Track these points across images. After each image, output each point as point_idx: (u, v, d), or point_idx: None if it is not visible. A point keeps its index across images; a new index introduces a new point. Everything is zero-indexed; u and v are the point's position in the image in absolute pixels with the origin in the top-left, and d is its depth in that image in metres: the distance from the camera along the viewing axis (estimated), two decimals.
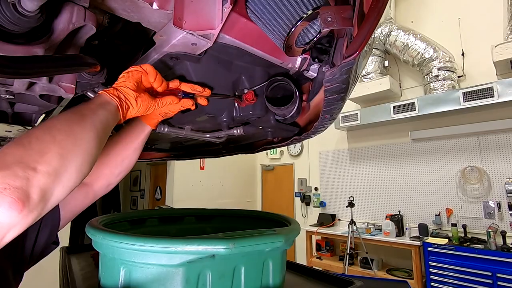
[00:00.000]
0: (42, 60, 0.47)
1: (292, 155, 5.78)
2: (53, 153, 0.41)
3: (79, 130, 0.46)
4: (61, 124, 0.45)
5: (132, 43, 0.82)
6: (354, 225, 3.84)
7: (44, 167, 0.39)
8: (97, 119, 0.51)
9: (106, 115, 0.53)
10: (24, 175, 0.36)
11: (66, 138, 0.44)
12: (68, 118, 0.47)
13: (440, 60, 3.62)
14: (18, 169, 0.36)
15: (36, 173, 0.37)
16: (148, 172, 6.44)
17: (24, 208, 0.35)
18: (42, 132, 0.43)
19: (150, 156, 1.68)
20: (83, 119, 0.48)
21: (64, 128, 0.45)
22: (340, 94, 0.59)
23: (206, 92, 0.73)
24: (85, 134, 0.47)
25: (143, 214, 1.05)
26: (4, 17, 0.45)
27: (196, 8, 0.61)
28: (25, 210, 0.35)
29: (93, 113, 0.51)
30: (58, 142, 0.42)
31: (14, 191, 0.34)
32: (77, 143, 0.45)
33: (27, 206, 0.35)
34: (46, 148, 0.40)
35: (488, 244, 3.15)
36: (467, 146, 3.71)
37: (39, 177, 0.38)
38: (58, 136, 0.43)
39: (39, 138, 0.41)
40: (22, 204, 0.35)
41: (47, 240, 0.66)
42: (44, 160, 0.39)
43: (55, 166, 0.40)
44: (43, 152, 0.40)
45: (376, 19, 0.43)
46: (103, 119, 0.52)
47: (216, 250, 0.53)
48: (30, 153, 0.39)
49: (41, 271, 1.80)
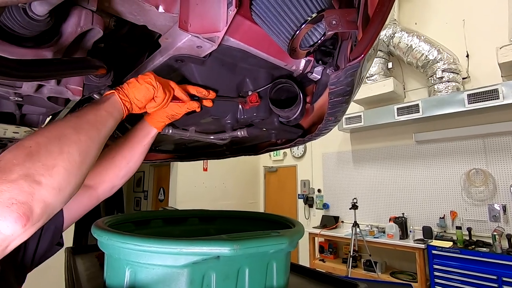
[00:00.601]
0: (51, 63, 0.48)
1: (295, 157, 5.77)
2: (60, 168, 0.42)
3: (87, 142, 0.47)
4: (71, 134, 0.46)
5: (138, 46, 0.83)
6: (357, 228, 3.82)
7: (49, 181, 0.40)
8: (104, 131, 0.52)
9: (113, 126, 0.55)
10: (30, 190, 0.37)
11: (73, 151, 0.44)
12: (78, 126, 0.48)
13: (444, 62, 3.60)
14: (24, 183, 0.37)
15: (41, 188, 0.38)
16: (152, 173, 6.47)
17: (28, 223, 0.36)
18: (50, 140, 0.43)
19: (154, 158, 1.69)
20: (92, 128, 0.49)
21: (73, 139, 0.45)
22: (345, 96, 0.59)
23: (211, 95, 0.74)
24: (92, 148, 0.48)
25: (147, 215, 1.06)
26: (14, 21, 0.46)
27: (201, 11, 0.61)
28: (28, 224, 0.37)
29: (103, 125, 0.52)
30: (66, 156, 0.43)
31: (20, 207, 0.36)
32: (83, 158, 0.46)
33: (31, 220, 0.37)
34: (53, 161, 0.41)
35: (494, 247, 3.11)
36: (472, 148, 3.68)
37: (43, 192, 0.39)
38: (65, 148, 0.44)
39: (48, 148, 0.42)
40: (27, 219, 0.36)
41: (50, 242, 0.66)
42: (50, 175, 0.40)
43: (59, 181, 0.41)
44: (49, 165, 0.40)
45: (381, 22, 0.43)
46: (109, 130, 0.54)
47: (221, 251, 0.53)
48: (37, 166, 0.39)
49: (46, 271, 1.81)
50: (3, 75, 0.38)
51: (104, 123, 0.52)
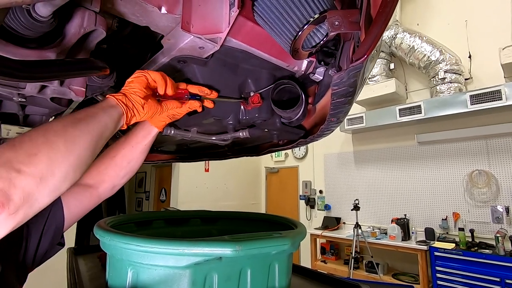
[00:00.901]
0: (54, 64, 0.48)
1: (297, 158, 5.76)
2: (41, 155, 0.40)
3: (74, 133, 0.46)
4: (57, 126, 0.45)
5: (140, 47, 0.83)
6: (359, 229, 3.81)
7: (29, 169, 0.38)
8: (96, 124, 0.50)
9: (105, 120, 0.53)
10: (7, 176, 0.35)
11: (58, 140, 0.43)
12: (66, 120, 0.47)
13: (447, 63, 3.59)
14: (2, 170, 0.35)
15: (20, 175, 0.37)
16: (153, 174, 6.48)
17: (4, 210, 0.35)
18: (37, 133, 0.42)
19: (155, 158, 1.69)
20: (80, 122, 0.48)
21: (59, 130, 0.44)
22: (348, 97, 0.59)
23: (213, 94, 0.74)
24: (79, 138, 0.46)
25: (149, 215, 1.06)
26: (18, 22, 0.46)
27: (204, 12, 0.61)
28: (5, 212, 0.35)
29: (93, 117, 0.50)
30: (49, 145, 0.41)
31: None
32: (69, 147, 0.44)
33: (7, 208, 0.35)
34: (35, 150, 0.40)
35: (497, 249, 3.09)
36: (474, 149, 3.66)
37: (22, 179, 0.37)
38: (51, 138, 0.42)
39: (32, 139, 0.41)
40: (2, 206, 0.34)
41: (51, 241, 0.66)
42: (30, 162, 0.38)
43: (41, 169, 0.39)
44: (31, 153, 0.39)
45: (384, 23, 0.43)
46: (102, 124, 0.52)
47: (223, 252, 0.53)
48: (18, 154, 0.38)
49: (47, 271, 1.82)
50: (8, 75, 0.38)
51: (94, 116, 0.51)
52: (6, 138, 0.97)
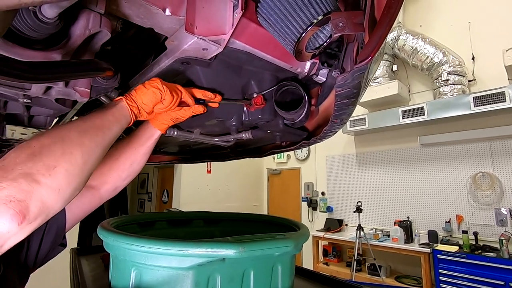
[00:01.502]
0: (60, 66, 0.48)
1: (299, 159, 5.76)
2: (60, 169, 0.42)
3: (90, 145, 0.47)
4: (75, 136, 0.46)
5: (144, 48, 0.83)
6: (361, 231, 3.79)
7: (49, 181, 0.40)
8: (109, 136, 0.52)
9: (117, 131, 0.55)
10: (28, 188, 0.37)
11: (76, 153, 0.44)
12: (82, 127, 0.49)
13: (450, 65, 3.58)
14: (24, 181, 0.37)
15: (40, 187, 0.38)
16: (156, 175, 6.50)
17: (24, 221, 0.36)
18: (54, 141, 0.43)
19: (158, 159, 1.70)
20: (96, 133, 0.50)
21: (76, 141, 0.46)
22: (351, 99, 0.59)
23: (217, 98, 0.74)
24: (94, 151, 0.48)
25: (152, 216, 1.06)
26: (24, 24, 0.47)
27: (208, 14, 0.62)
28: (24, 222, 0.37)
29: (108, 129, 0.52)
30: (68, 157, 0.43)
31: (17, 204, 0.36)
32: (85, 160, 0.46)
33: (27, 219, 0.37)
34: (55, 162, 0.41)
35: (501, 252, 3.07)
36: (478, 151, 3.64)
37: (42, 192, 0.39)
38: (68, 149, 0.44)
39: (51, 148, 0.42)
40: (23, 217, 0.36)
41: (52, 242, 0.66)
42: (50, 174, 0.40)
43: (59, 182, 0.41)
44: (50, 166, 0.41)
45: (389, 24, 0.43)
46: (114, 136, 0.54)
47: (226, 253, 0.53)
48: (38, 166, 0.39)
49: (50, 271, 1.82)
50: (15, 77, 0.38)
51: (109, 127, 0.53)
52: (11, 138, 0.98)
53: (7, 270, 0.55)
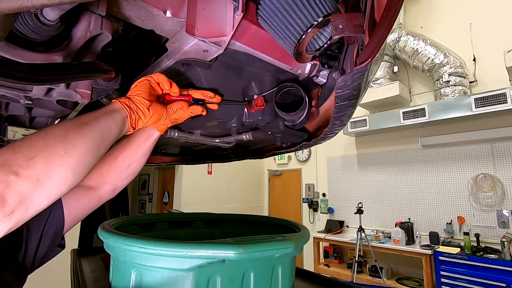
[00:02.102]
0: (61, 67, 0.49)
1: (300, 161, 5.75)
2: (39, 158, 0.40)
3: (74, 137, 0.46)
4: (59, 131, 0.45)
5: (145, 50, 0.84)
6: (362, 232, 3.78)
7: (26, 171, 0.38)
8: (98, 127, 0.50)
9: (108, 124, 0.53)
10: (4, 179, 0.36)
11: (57, 143, 0.43)
12: (68, 124, 0.47)
13: (451, 66, 3.57)
14: (0, 172, 0.36)
15: (17, 177, 0.37)
16: (157, 176, 6.50)
17: (0, 213, 0.35)
18: (37, 137, 0.43)
19: (159, 161, 1.70)
20: (83, 126, 0.48)
21: (60, 134, 0.44)
22: (351, 100, 0.59)
23: (216, 98, 0.74)
24: (79, 141, 0.46)
25: (153, 218, 1.06)
26: (26, 26, 0.47)
27: (208, 16, 0.62)
28: (1, 214, 0.35)
29: (95, 121, 0.51)
30: (48, 148, 0.42)
31: None
32: (68, 150, 0.44)
33: (1, 210, 0.35)
34: (34, 153, 0.40)
35: (502, 254, 3.05)
36: (479, 153, 3.63)
37: (19, 181, 0.37)
38: (50, 141, 0.42)
39: (32, 142, 0.41)
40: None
41: (51, 243, 0.65)
42: (28, 165, 0.39)
43: (37, 171, 0.39)
44: (29, 156, 0.39)
45: (389, 26, 0.43)
46: (105, 127, 0.52)
47: (226, 255, 0.53)
48: (17, 157, 0.38)
49: (51, 272, 1.83)
50: (17, 79, 0.39)
51: (97, 120, 0.51)
52: (13, 139, 0.99)
53: (4, 271, 0.55)
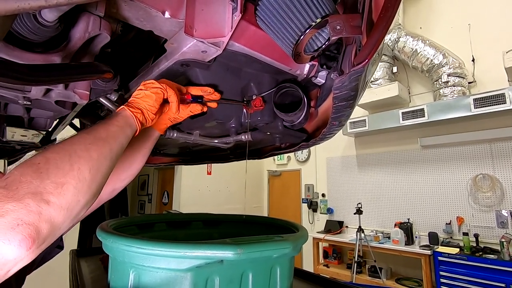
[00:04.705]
0: (60, 68, 0.49)
1: (299, 161, 5.75)
2: (69, 185, 0.39)
3: (98, 160, 0.45)
4: (81, 150, 0.44)
5: (144, 51, 0.84)
6: (362, 233, 3.78)
7: (58, 200, 0.37)
8: (115, 147, 0.50)
9: (123, 142, 0.54)
10: (37, 209, 0.35)
11: (84, 168, 0.42)
12: (88, 140, 0.46)
13: (450, 66, 3.58)
14: (32, 202, 0.34)
15: (49, 207, 0.36)
16: (156, 176, 6.50)
17: (33, 245, 0.34)
18: (60, 157, 0.41)
19: (158, 161, 1.70)
20: (103, 145, 0.48)
21: (83, 155, 0.43)
22: (349, 101, 0.59)
23: (215, 95, 0.74)
24: (102, 165, 0.46)
25: (151, 218, 1.06)
26: (25, 27, 0.47)
27: (207, 17, 0.62)
28: (33, 246, 0.34)
29: (114, 140, 0.50)
30: (76, 174, 0.41)
31: (26, 228, 0.33)
32: (93, 176, 0.44)
33: (36, 243, 0.34)
34: (63, 179, 0.39)
35: (502, 254, 3.05)
36: (478, 153, 3.64)
37: (51, 211, 0.36)
38: (76, 165, 0.42)
39: (59, 166, 0.40)
40: (32, 241, 0.34)
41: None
42: (58, 193, 0.38)
43: (68, 200, 0.39)
44: (58, 183, 0.38)
45: (386, 27, 0.43)
46: (120, 147, 0.52)
47: (224, 255, 0.53)
48: (45, 183, 0.37)
49: (50, 273, 1.82)
50: (16, 79, 0.39)
51: (115, 138, 0.51)
52: (12, 140, 0.98)
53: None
